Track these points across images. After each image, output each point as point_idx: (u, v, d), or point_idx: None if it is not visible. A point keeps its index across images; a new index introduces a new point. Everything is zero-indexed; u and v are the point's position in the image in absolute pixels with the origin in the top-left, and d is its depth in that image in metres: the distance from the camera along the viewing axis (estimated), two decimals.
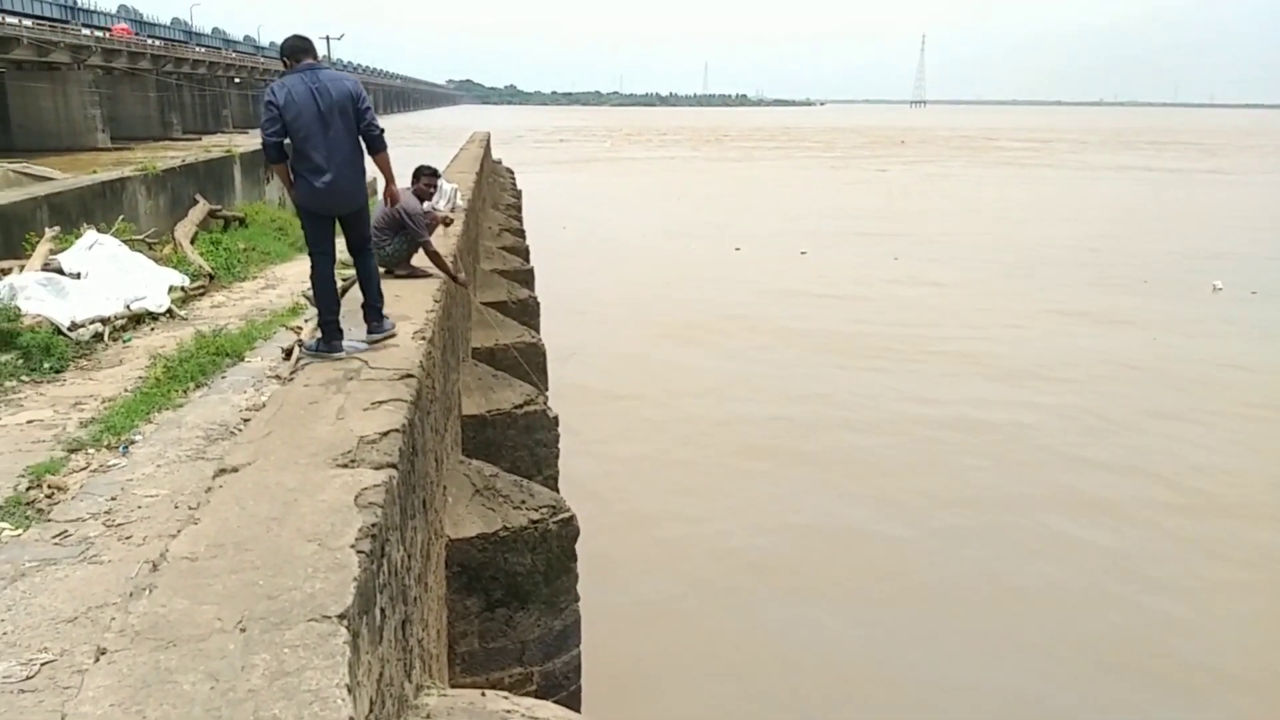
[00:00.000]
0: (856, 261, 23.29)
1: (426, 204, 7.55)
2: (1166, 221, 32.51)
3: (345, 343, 5.15)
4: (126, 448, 6.48)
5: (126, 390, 8.05)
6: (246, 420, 7.15)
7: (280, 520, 2.89)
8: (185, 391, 8.09)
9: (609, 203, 37.57)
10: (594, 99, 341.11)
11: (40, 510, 5.38)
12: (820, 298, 19.42)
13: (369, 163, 5.50)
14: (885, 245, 25.28)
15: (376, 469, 3.35)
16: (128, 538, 5.01)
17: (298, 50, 5.17)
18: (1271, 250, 26.66)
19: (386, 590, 2.90)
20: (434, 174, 7.68)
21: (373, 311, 5.50)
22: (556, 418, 8.83)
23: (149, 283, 11.68)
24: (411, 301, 6.28)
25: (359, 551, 2.65)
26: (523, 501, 6.38)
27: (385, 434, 3.71)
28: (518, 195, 26.71)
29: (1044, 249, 25.39)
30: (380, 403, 4.10)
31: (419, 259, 7.23)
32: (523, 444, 8.77)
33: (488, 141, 29.39)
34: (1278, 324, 17.65)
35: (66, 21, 58.00)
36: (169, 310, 11.38)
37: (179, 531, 2.84)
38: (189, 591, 2.43)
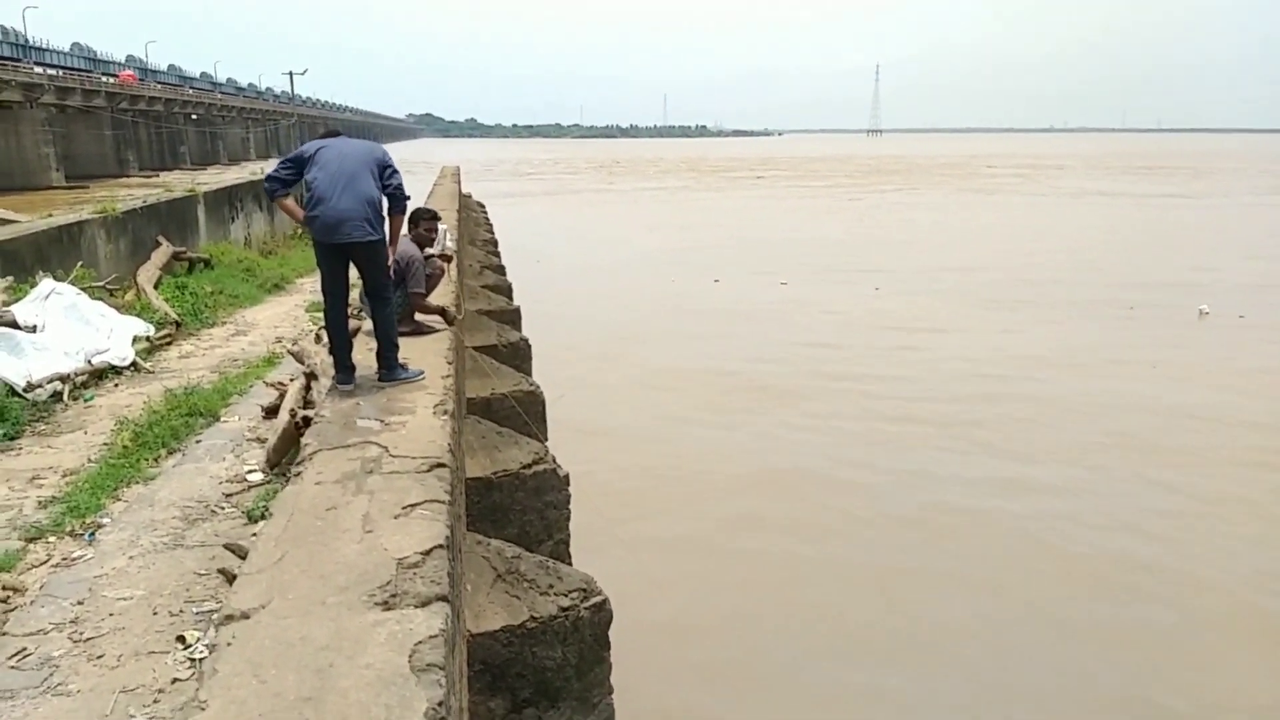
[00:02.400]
0: (925, 302, 22.59)
1: (427, 250, 6.83)
2: (1167, 245, 32.54)
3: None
4: (93, 534, 5.67)
5: (90, 460, 7.22)
6: (229, 497, 6.38)
7: (316, 701, 2.17)
8: (156, 460, 7.28)
9: (588, 236, 36.98)
10: (555, 131, 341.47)
11: None
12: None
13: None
14: (944, 282, 24.53)
15: (426, 607, 2.65)
16: (99, 657, 4.23)
17: (331, 134, 5.73)
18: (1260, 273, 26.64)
19: None
20: (434, 217, 6.99)
21: (382, 359, 5.52)
22: (567, 476, 8.11)
23: (111, 333, 10.83)
24: (422, 364, 5.57)
25: None
26: (550, 586, 5.65)
27: (428, 553, 3.01)
28: (491, 230, 26.02)
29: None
30: (412, 506, 3.40)
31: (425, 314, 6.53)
32: (532, 507, 8.03)
33: (458, 175, 28.69)
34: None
35: (18, 60, 56.71)
36: (134, 363, 10.53)
37: None
38: None
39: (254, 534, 5.40)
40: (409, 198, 5.63)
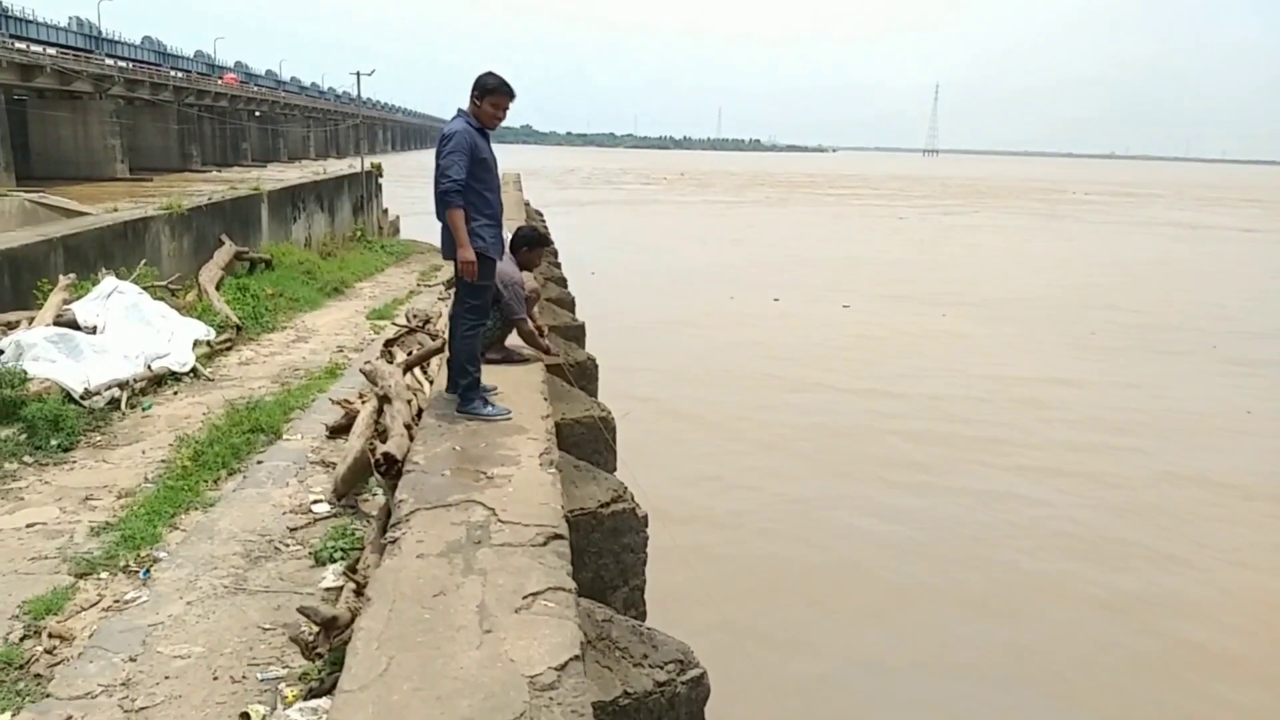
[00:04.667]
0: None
1: (527, 276, 6.27)
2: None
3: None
4: (148, 572, 5.18)
5: (147, 480, 6.77)
6: (293, 531, 5.87)
7: None
8: (216, 482, 6.82)
9: (645, 247, 36.41)
10: (609, 140, 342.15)
11: (38, 676, 4.09)
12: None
13: None
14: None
15: None
16: None
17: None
18: None
19: None
20: (543, 242, 6.43)
21: (450, 381, 5.23)
22: (646, 517, 7.52)
23: (172, 337, 10.46)
24: (517, 399, 5.01)
25: None
26: (644, 656, 5.05)
27: (562, 668, 2.44)
28: (552, 241, 25.58)
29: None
30: (534, 596, 2.83)
31: (514, 339, 5.98)
32: (608, 550, 7.43)
33: (519, 183, 28.34)
34: None
35: (90, 51, 57.67)
36: (193, 369, 10.15)
37: None
38: None
39: (325, 588, 4.88)
40: (452, 182, 4.75)
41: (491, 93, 4.94)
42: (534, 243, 6.27)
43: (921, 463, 12.39)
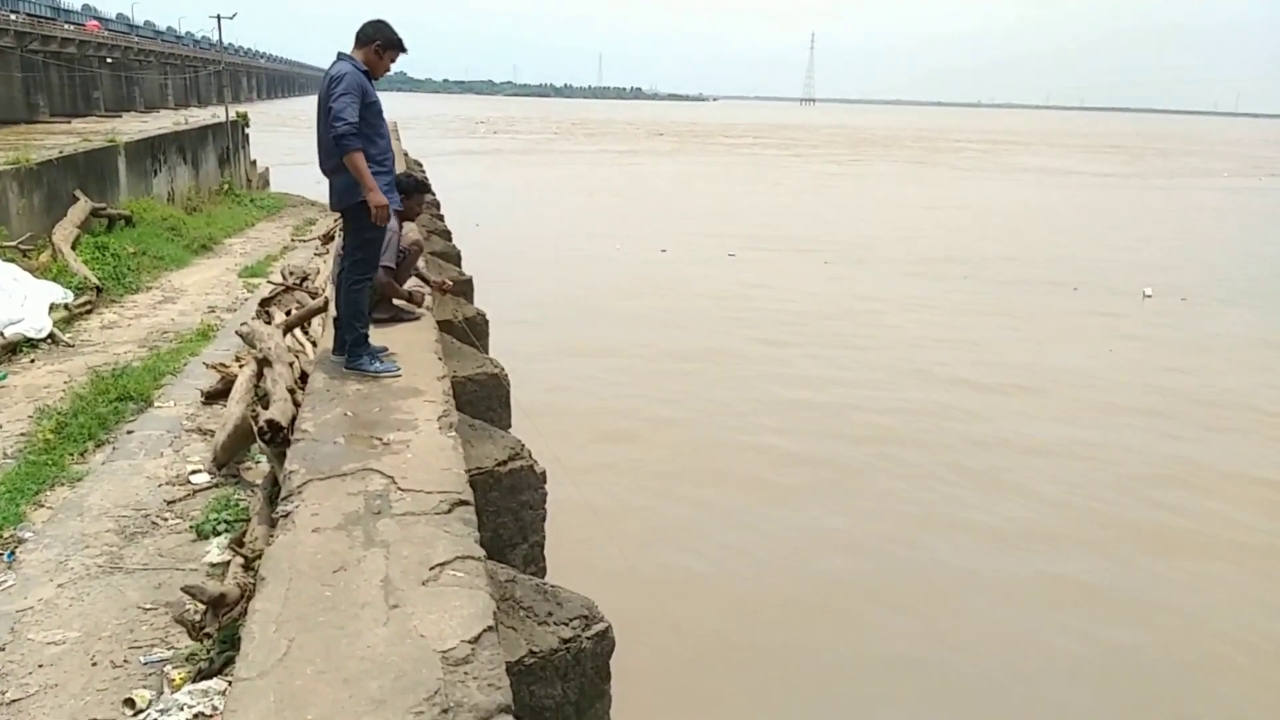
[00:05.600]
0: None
1: (408, 227, 6.02)
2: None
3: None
4: (12, 554, 4.83)
5: (5, 455, 6.32)
6: (171, 504, 5.56)
7: None
8: (83, 454, 6.41)
9: (530, 199, 35.81)
10: (488, 88, 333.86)
11: None
12: None
13: None
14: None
15: None
16: None
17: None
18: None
19: None
20: (423, 188, 6.18)
21: (337, 343, 4.99)
22: (544, 473, 7.43)
23: (25, 301, 9.76)
24: (410, 360, 4.83)
25: None
26: (549, 614, 4.97)
27: (476, 640, 2.36)
28: (432, 191, 24.90)
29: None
30: (441, 566, 2.73)
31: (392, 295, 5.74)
32: (506, 508, 7.31)
33: (395, 131, 27.40)
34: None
35: None
36: (51, 335, 9.51)
37: None
38: None
39: (210, 564, 4.64)
40: (347, 124, 4.47)
41: (395, 46, 4.81)
42: (411, 190, 5.99)
43: (803, 380, 12.73)
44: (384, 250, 5.60)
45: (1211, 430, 12.13)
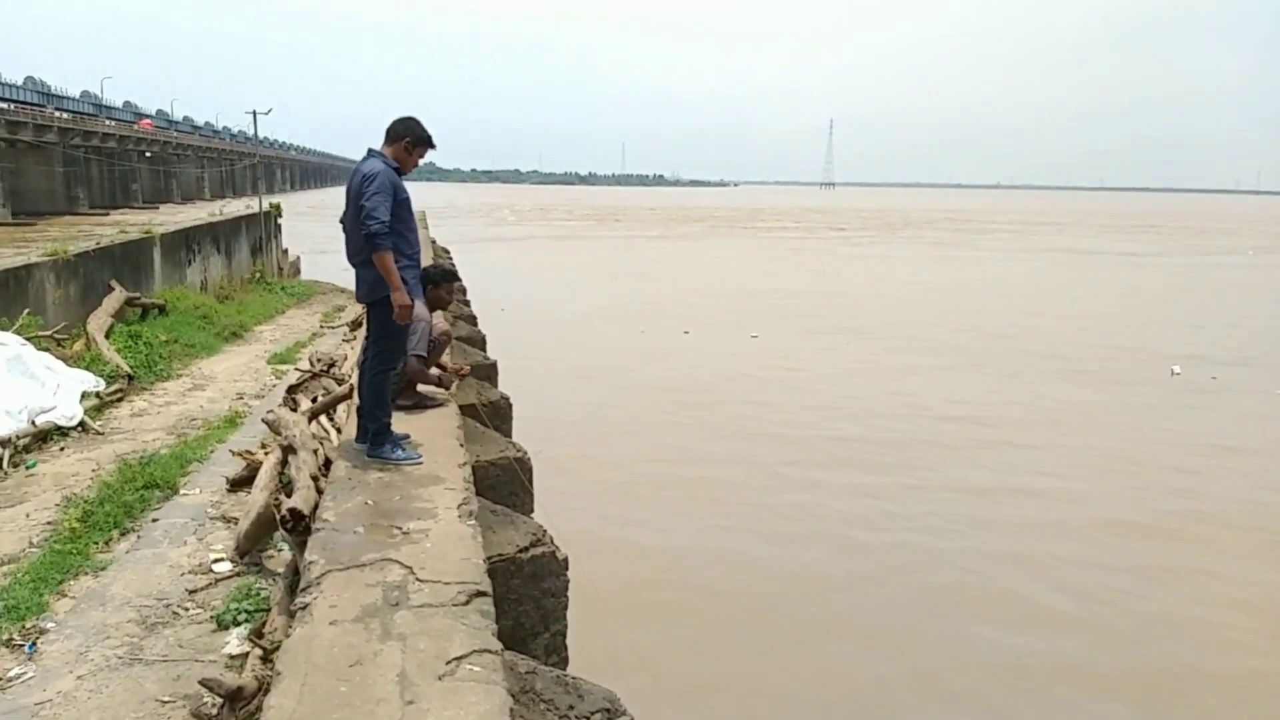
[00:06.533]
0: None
1: (437, 316, 6.10)
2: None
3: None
4: (34, 645, 4.82)
5: (31, 544, 6.35)
6: (193, 594, 5.55)
7: None
8: (108, 543, 6.43)
9: (553, 283, 36.25)
10: (514, 177, 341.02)
11: None
12: None
13: None
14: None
15: None
16: None
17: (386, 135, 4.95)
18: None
19: None
20: (451, 277, 6.29)
21: (360, 430, 5.05)
22: (566, 559, 7.36)
23: (58, 389, 9.92)
24: (432, 446, 4.84)
25: None
26: (570, 708, 4.87)
27: None
28: (459, 275, 25.26)
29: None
30: (458, 660, 2.68)
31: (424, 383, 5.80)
32: (528, 595, 7.24)
33: (424, 220, 27.96)
34: None
35: None
36: (82, 423, 9.63)
37: None
38: None
39: (229, 656, 4.60)
40: (380, 224, 4.58)
41: (424, 143, 4.96)
42: (440, 279, 6.11)
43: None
44: (417, 340, 5.68)
45: None
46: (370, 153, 4.87)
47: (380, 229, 4.57)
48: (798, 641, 8.78)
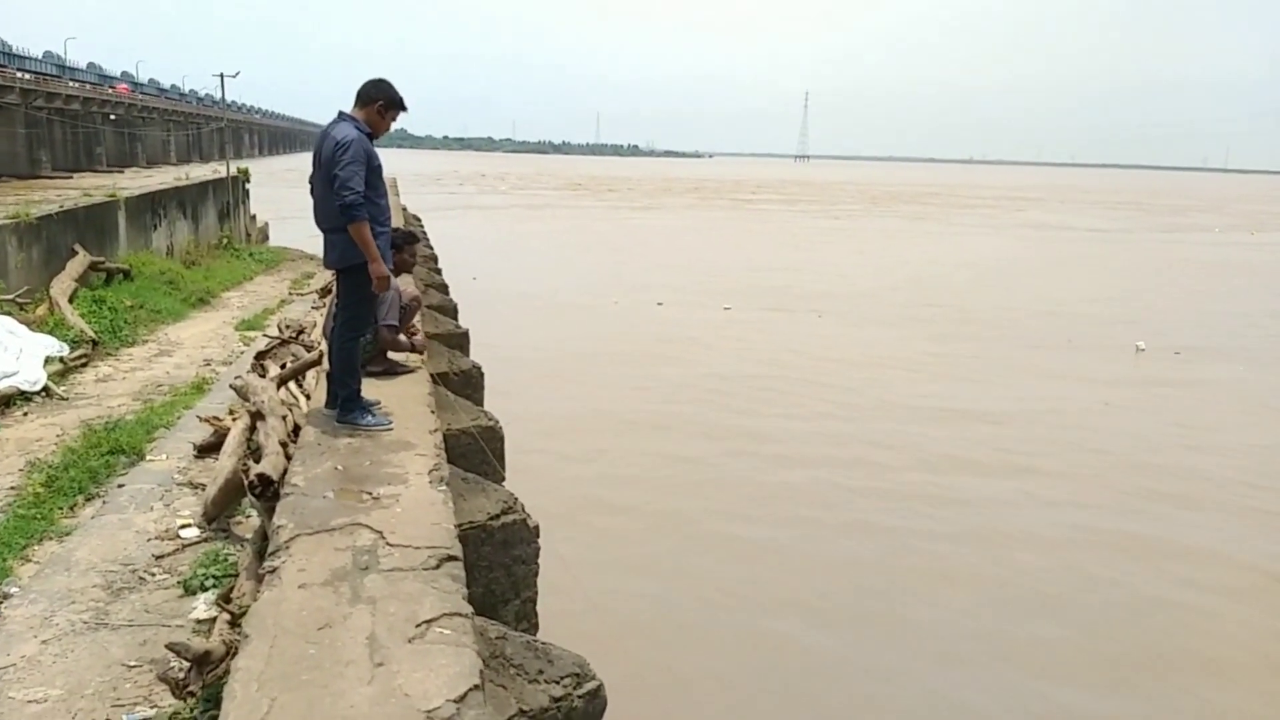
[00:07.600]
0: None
1: (404, 280, 6.05)
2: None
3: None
4: None
5: None
6: (159, 559, 5.51)
7: None
8: (73, 508, 6.37)
9: (524, 252, 35.96)
10: (487, 145, 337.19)
11: None
12: None
13: None
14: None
15: None
16: None
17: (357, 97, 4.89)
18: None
19: None
20: (413, 239, 6.23)
21: (330, 395, 5.01)
22: (537, 527, 7.37)
23: (20, 354, 9.77)
24: (403, 413, 4.82)
25: None
26: (540, 672, 4.90)
27: (462, 699, 2.31)
28: (430, 245, 25.03)
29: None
30: (428, 623, 2.69)
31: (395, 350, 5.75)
32: (499, 563, 7.24)
33: (394, 187, 27.64)
34: None
35: None
36: (45, 388, 9.50)
37: None
38: None
39: (197, 620, 4.58)
40: (355, 194, 4.51)
41: (397, 106, 4.87)
42: (402, 243, 6.03)
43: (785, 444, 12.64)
44: (387, 309, 5.63)
45: None
46: (341, 115, 4.77)
47: (356, 199, 4.49)
48: (772, 616, 8.86)
